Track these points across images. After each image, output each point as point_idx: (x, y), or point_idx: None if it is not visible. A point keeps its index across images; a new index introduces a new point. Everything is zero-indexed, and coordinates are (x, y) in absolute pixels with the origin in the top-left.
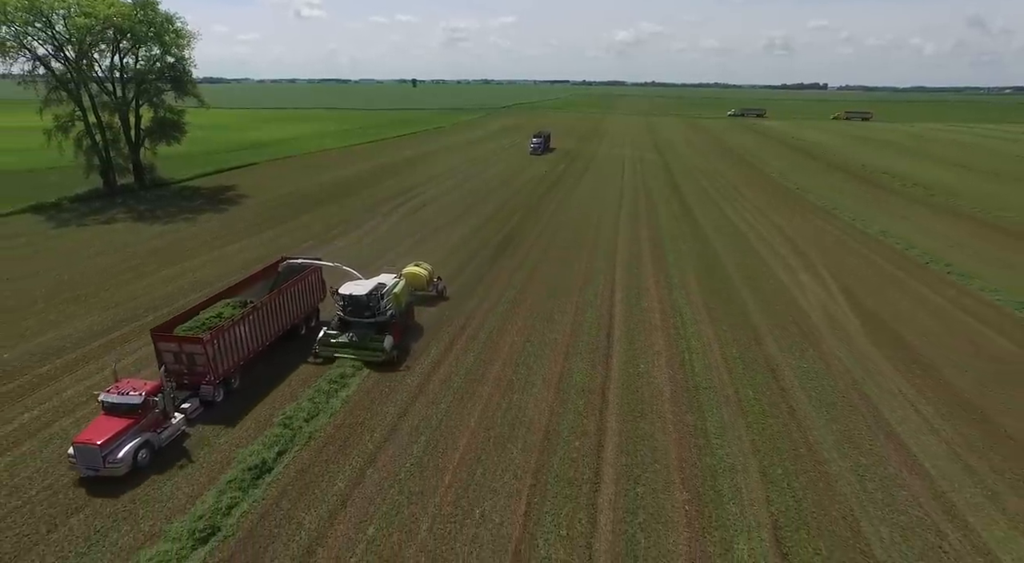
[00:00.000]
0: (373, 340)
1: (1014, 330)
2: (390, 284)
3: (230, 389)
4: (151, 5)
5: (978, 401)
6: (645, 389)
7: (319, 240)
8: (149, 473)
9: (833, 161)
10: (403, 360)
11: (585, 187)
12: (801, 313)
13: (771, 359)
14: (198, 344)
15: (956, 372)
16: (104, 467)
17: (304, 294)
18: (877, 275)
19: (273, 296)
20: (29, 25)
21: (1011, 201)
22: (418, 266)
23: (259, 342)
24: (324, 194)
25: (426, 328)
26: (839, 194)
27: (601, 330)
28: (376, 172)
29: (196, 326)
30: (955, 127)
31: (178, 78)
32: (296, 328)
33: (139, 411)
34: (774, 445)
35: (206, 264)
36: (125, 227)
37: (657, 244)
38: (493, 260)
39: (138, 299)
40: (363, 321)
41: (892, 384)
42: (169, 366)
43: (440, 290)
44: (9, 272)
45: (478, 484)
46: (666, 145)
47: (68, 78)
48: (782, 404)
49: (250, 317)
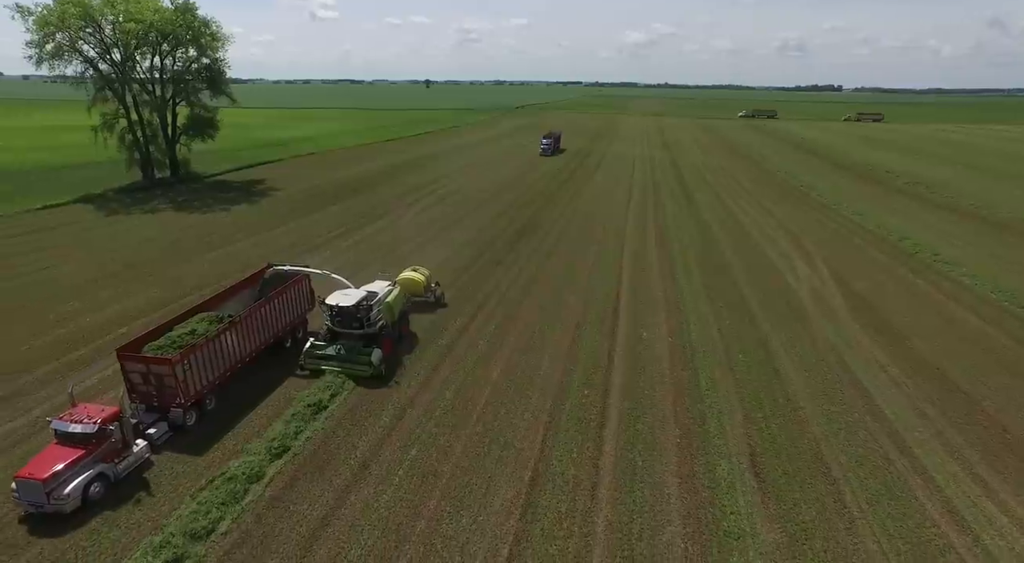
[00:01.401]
0: (361, 353)
1: (983, 309)
2: (382, 293)
3: (204, 412)
4: (191, 10)
5: (940, 364)
6: (646, 353)
7: (351, 226)
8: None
9: (839, 160)
10: (392, 374)
11: (597, 182)
12: (792, 292)
13: (761, 331)
14: (166, 365)
15: (924, 342)
16: (49, 503)
17: (289, 305)
18: (867, 263)
19: (254, 309)
20: (82, 30)
21: (1007, 198)
22: (415, 271)
23: (238, 359)
24: (350, 187)
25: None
26: (841, 191)
27: (609, 304)
28: (398, 167)
29: (167, 344)
30: (965, 128)
31: (213, 78)
32: (281, 341)
33: (93, 441)
34: (757, 396)
35: (248, 247)
36: (169, 215)
37: (662, 233)
38: (512, 244)
39: (189, 277)
40: (353, 332)
41: (867, 351)
42: (137, 388)
43: (438, 297)
44: (74, 254)
45: (502, 420)
46: (675, 145)
47: (114, 78)
48: (767, 366)
49: (227, 333)
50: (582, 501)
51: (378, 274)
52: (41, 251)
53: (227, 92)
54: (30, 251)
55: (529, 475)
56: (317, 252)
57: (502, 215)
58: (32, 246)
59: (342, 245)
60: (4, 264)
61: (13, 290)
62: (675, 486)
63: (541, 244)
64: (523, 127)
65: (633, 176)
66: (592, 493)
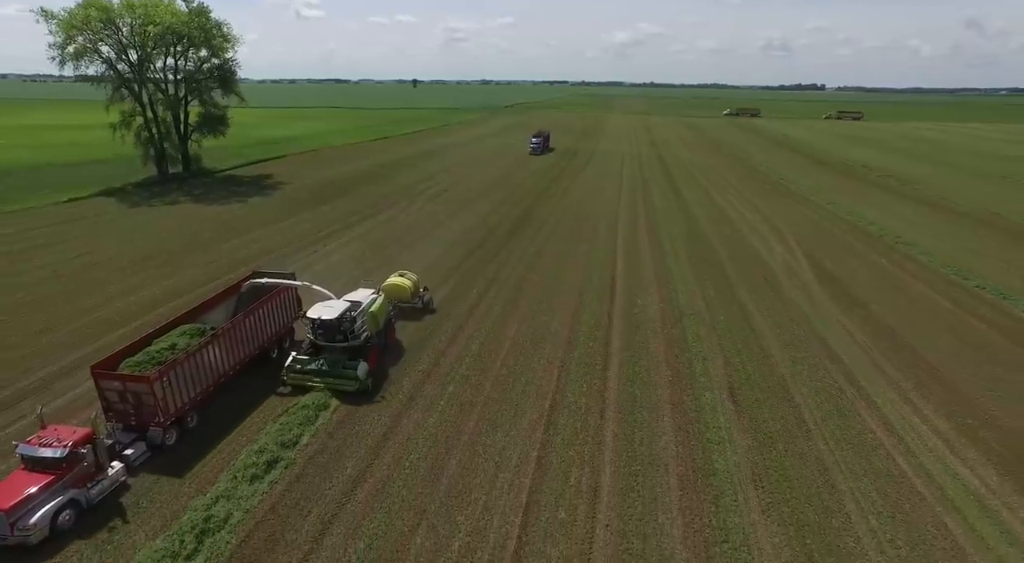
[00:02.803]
0: (346, 367)
1: (933, 281)
2: (366, 302)
3: (185, 429)
4: (204, 12)
5: (891, 323)
6: (641, 315)
7: (363, 215)
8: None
9: (818, 156)
10: (379, 390)
11: (588, 176)
12: (769, 269)
13: (740, 298)
14: (144, 382)
15: (880, 306)
16: (12, 535)
17: (274, 315)
18: (837, 244)
19: (236, 321)
20: (102, 32)
21: (969, 191)
22: (401, 277)
23: (221, 374)
24: (355, 181)
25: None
26: (818, 184)
27: (606, 279)
28: (396, 163)
29: (145, 360)
30: (941, 126)
31: (225, 78)
32: (266, 352)
33: (63, 465)
34: (735, 346)
35: (268, 235)
36: (189, 207)
37: (651, 220)
38: (513, 231)
39: (221, 260)
40: (336, 345)
41: (831, 314)
42: (114, 406)
43: (426, 302)
44: (105, 241)
45: (522, 365)
46: (662, 142)
47: (131, 78)
48: (745, 325)
49: (209, 347)
50: (593, 420)
51: (362, 281)
52: (76, 239)
53: (237, 91)
54: (66, 239)
55: (549, 403)
56: (334, 237)
57: (503, 204)
58: (65, 235)
59: (357, 231)
60: (45, 250)
61: (55, 274)
62: (668, 410)
63: (538, 233)
64: (512, 126)
65: (623, 172)
66: (601, 414)
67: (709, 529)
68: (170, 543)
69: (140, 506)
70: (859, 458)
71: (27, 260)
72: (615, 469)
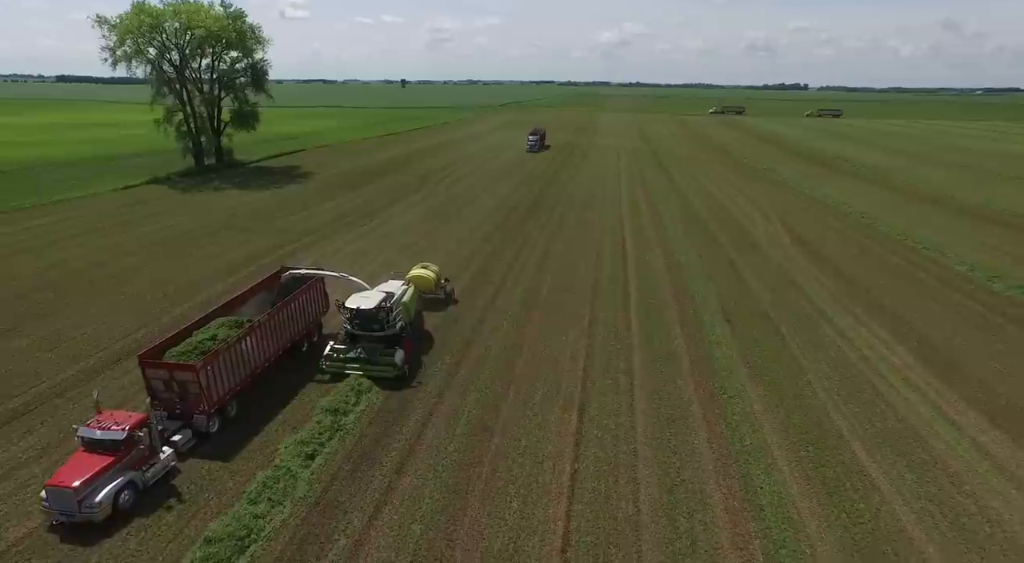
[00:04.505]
0: (383, 355)
1: (888, 244)
2: (398, 293)
3: (226, 418)
4: (241, 17)
5: (852, 273)
6: (649, 269)
7: (394, 198)
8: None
9: (797, 149)
10: (415, 375)
11: (589, 166)
12: (752, 236)
13: (729, 255)
14: (189, 371)
15: (844, 262)
16: (80, 512)
17: (306, 308)
18: (810, 218)
19: (272, 313)
20: (150, 35)
21: (930, 178)
22: (425, 268)
23: (258, 364)
24: (377, 171)
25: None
26: (797, 172)
27: (617, 242)
28: (409, 156)
29: (188, 350)
30: (913, 123)
31: (257, 77)
32: (297, 345)
33: (122, 448)
34: (727, 287)
35: (314, 215)
36: (234, 192)
37: (651, 200)
38: (531, 211)
39: (288, 231)
40: (373, 334)
41: (802, 266)
42: (159, 395)
43: (448, 293)
44: (178, 217)
45: (561, 301)
46: (653, 137)
47: (173, 77)
48: (732, 273)
49: (247, 338)
50: (622, 330)
51: (391, 274)
52: (153, 216)
53: (267, 90)
54: (145, 216)
55: (587, 321)
56: (371, 218)
57: (517, 190)
58: (142, 213)
59: (400, 207)
60: (134, 226)
61: (152, 243)
62: (677, 325)
63: (554, 211)
64: (507, 123)
65: (619, 163)
66: (627, 327)
67: (712, 389)
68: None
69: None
70: (818, 351)
71: (123, 233)
72: (642, 359)
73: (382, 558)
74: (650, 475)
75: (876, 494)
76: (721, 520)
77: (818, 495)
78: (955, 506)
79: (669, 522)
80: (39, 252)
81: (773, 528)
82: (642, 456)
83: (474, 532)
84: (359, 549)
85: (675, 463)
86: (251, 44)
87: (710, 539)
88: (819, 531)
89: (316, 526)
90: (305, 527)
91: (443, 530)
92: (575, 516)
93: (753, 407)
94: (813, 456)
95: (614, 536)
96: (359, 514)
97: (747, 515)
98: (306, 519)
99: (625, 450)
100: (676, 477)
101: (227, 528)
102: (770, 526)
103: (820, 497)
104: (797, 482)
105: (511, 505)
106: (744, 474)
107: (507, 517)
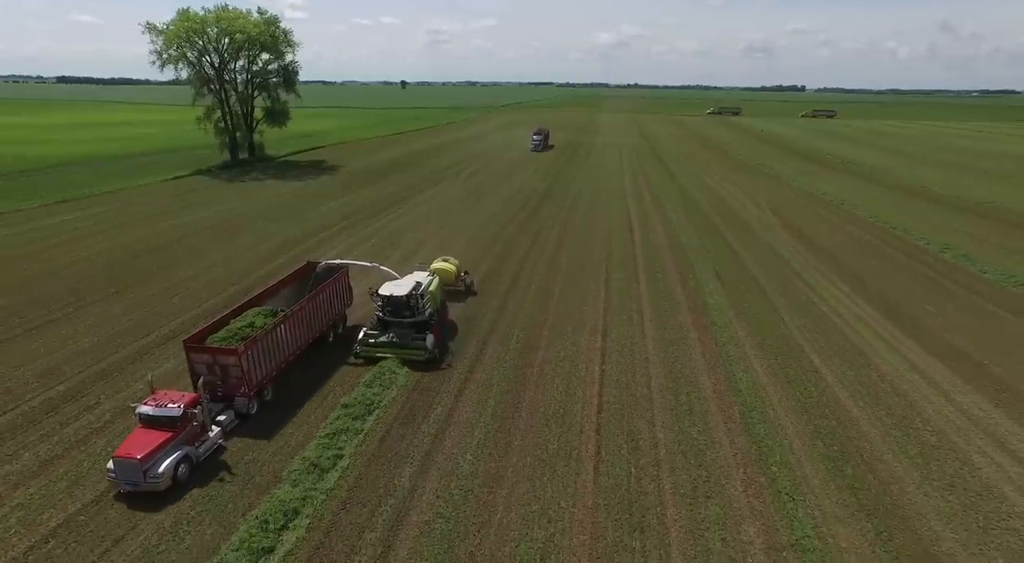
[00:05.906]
0: (415, 339)
1: (863, 225)
2: (425, 282)
3: (264, 401)
4: (275, 22)
5: (831, 249)
6: (653, 245)
7: (416, 190)
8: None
9: (791, 148)
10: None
11: (594, 161)
12: (744, 221)
13: (724, 236)
14: (232, 355)
15: (824, 240)
16: (145, 481)
17: (333, 299)
18: (799, 207)
19: (305, 302)
20: (193, 39)
21: (911, 173)
22: (446, 261)
23: (292, 351)
24: (398, 165)
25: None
26: (790, 168)
27: (624, 225)
28: (421, 153)
29: (228, 336)
30: (906, 124)
31: (289, 77)
32: (324, 336)
33: (178, 424)
34: (722, 259)
35: (349, 202)
36: (272, 183)
37: (653, 191)
38: (543, 200)
39: (331, 215)
40: (404, 321)
41: (788, 243)
42: (203, 378)
43: (468, 285)
44: (230, 202)
45: (579, 269)
46: (653, 136)
47: (212, 78)
48: (726, 249)
49: (283, 326)
50: (633, 286)
51: (416, 265)
52: (207, 202)
53: (296, 90)
54: (199, 203)
55: (604, 278)
56: (401, 204)
57: (528, 183)
58: (196, 199)
59: (426, 195)
60: (194, 209)
61: (211, 225)
62: (678, 284)
63: (564, 199)
64: (510, 123)
65: (622, 160)
66: (637, 282)
67: (705, 322)
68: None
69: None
70: (791, 298)
71: (183, 216)
72: (649, 303)
73: (468, 418)
74: (658, 372)
75: (823, 383)
76: (711, 396)
77: (781, 384)
78: (878, 390)
79: (674, 397)
80: (134, 226)
81: (748, 400)
82: (652, 361)
83: (533, 403)
84: (451, 415)
85: (677, 366)
86: (283, 47)
87: (703, 407)
88: (780, 401)
89: (416, 402)
90: (410, 403)
91: (510, 403)
92: (605, 394)
93: (737, 334)
94: (780, 363)
95: (634, 405)
96: (446, 395)
97: (729, 394)
98: (408, 399)
99: (639, 358)
100: (678, 373)
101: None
102: (746, 400)
103: (783, 385)
104: (767, 376)
105: (558, 388)
106: (728, 371)
107: (556, 395)
